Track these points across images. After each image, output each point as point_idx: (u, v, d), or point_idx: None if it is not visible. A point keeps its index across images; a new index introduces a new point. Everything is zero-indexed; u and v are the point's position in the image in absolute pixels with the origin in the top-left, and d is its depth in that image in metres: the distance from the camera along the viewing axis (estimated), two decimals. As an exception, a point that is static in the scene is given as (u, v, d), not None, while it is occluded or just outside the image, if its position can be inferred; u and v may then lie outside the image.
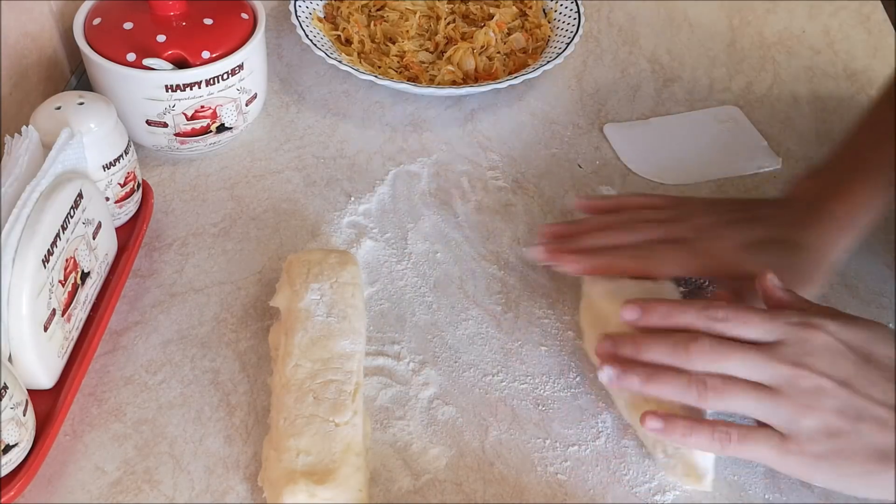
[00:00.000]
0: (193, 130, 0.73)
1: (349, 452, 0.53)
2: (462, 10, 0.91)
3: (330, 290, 0.60)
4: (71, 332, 0.59)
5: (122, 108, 0.69)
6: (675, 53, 0.93)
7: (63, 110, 0.62)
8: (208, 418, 0.59)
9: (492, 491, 0.56)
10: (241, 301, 0.66)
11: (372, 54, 0.86)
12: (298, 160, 0.78)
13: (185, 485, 0.55)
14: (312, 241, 0.71)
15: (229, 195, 0.74)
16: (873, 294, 0.70)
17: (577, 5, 0.89)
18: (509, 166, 0.78)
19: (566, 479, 0.57)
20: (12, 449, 0.52)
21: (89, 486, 0.55)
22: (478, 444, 0.59)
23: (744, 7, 1.00)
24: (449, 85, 0.83)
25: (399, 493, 0.56)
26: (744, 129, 0.83)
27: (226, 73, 0.71)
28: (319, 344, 0.58)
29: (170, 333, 0.64)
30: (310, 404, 0.55)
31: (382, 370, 0.62)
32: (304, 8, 0.88)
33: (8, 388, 0.50)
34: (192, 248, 0.70)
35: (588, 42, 0.93)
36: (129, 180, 0.67)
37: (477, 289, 0.68)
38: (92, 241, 0.61)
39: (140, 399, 0.60)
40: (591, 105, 0.86)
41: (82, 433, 0.58)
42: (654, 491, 0.57)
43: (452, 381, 0.62)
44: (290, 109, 0.83)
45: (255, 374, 0.61)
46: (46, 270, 0.55)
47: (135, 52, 0.69)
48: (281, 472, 0.52)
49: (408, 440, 0.58)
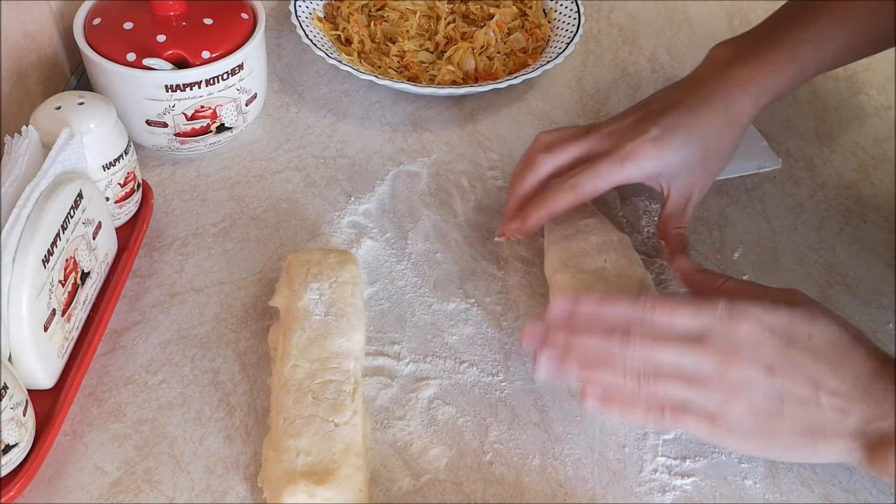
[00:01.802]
0: (193, 130, 0.73)
1: (349, 452, 0.53)
2: (462, 10, 0.91)
3: (329, 290, 0.60)
4: (71, 332, 0.59)
5: (122, 108, 0.69)
6: (675, 53, 0.93)
7: (63, 110, 0.62)
8: (208, 418, 0.59)
9: (492, 491, 0.56)
10: (241, 301, 0.66)
11: (372, 54, 0.86)
12: (298, 160, 0.78)
13: (185, 485, 0.55)
14: (312, 241, 0.71)
15: (229, 195, 0.74)
16: (873, 294, 0.70)
17: (577, 5, 0.89)
18: (509, 166, 0.78)
19: (566, 479, 0.57)
20: (12, 449, 0.52)
21: (89, 486, 0.55)
22: (478, 444, 0.59)
23: (744, 7, 1.00)
24: (449, 85, 0.83)
25: (399, 493, 0.56)
26: (744, 129, 0.83)
27: (226, 73, 0.71)
28: (317, 343, 0.58)
29: (170, 333, 0.64)
30: (309, 404, 0.55)
31: (382, 370, 0.62)
32: (304, 8, 0.88)
33: (8, 388, 0.50)
34: (192, 248, 0.70)
35: (588, 42, 0.93)
36: (129, 180, 0.67)
37: (477, 289, 0.68)
38: (92, 241, 0.61)
39: (140, 399, 0.60)
40: (591, 105, 0.86)
41: (82, 433, 0.58)
42: (654, 491, 0.57)
43: (452, 381, 0.62)
44: (290, 109, 0.83)
45: (254, 374, 0.61)
46: (46, 270, 0.55)
47: (135, 52, 0.69)
48: (281, 472, 0.52)
49: (408, 440, 0.58)
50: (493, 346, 0.64)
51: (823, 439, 0.52)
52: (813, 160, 0.81)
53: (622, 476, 0.57)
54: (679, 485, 0.57)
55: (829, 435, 0.51)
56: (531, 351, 0.57)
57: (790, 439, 0.52)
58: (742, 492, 0.57)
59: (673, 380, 0.53)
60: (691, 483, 0.57)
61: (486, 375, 0.62)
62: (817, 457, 0.54)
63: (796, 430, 0.52)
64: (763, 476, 0.58)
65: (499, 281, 0.69)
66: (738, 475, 0.58)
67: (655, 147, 0.64)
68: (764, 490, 0.57)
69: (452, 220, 0.73)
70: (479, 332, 0.65)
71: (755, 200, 0.77)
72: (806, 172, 0.80)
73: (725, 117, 0.66)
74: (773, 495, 0.57)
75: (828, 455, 0.53)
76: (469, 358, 0.63)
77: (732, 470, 0.58)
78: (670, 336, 0.53)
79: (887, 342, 0.66)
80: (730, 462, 0.58)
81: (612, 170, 0.64)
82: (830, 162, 0.81)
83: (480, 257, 0.70)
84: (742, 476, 0.58)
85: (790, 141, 0.83)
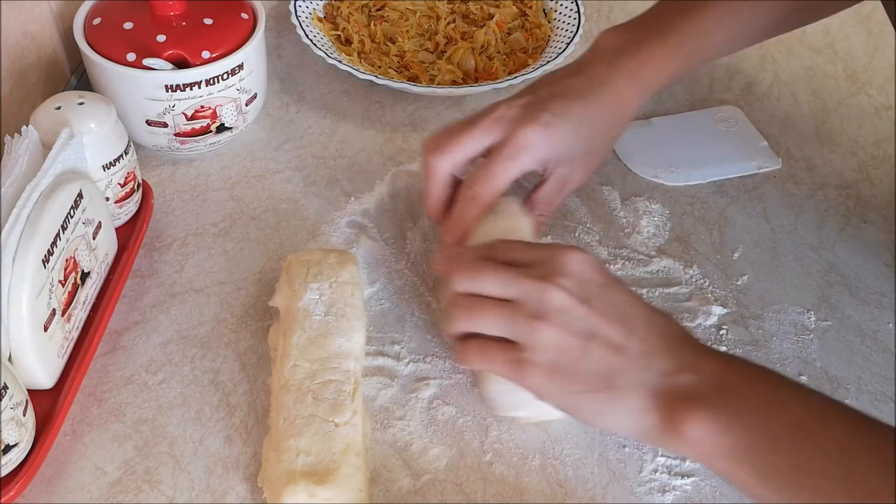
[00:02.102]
0: (193, 130, 0.73)
1: (349, 452, 0.53)
2: (462, 9, 0.91)
3: (329, 290, 0.60)
4: (71, 332, 0.59)
5: (122, 108, 0.69)
6: (675, 53, 0.93)
7: (63, 110, 0.62)
8: (208, 418, 0.59)
9: (492, 491, 0.56)
10: (241, 301, 0.66)
11: (372, 54, 0.86)
12: (298, 160, 0.78)
13: (185, 485, 0.55)
14: (312, 241, 0.71)
15: (229, 195, 0.74)
16: (873, 294, 0.70)
17: (577, 5, 0.89)
18: (509, 166, 0.78)
19: (566, 479, 0.57)
20: (12, 449, 0.52)
21: (89, 486, 0.55)
22: (478, 444, 0.59)
23: (744, 7, 1.00)
24: (449, 85, 0.83)
25: (399, 493, 0.56)
26: (744, 129, 0.83)
27: (226, 73, 0.71)
28: (317, 343, 0.58)
29: (170, 333, 0.64)
30: (309, 404, 0.55)
31: (382, 370, 0.62)
32: (304, 8, 0.88)
33: (8, 388, 0.50)
34: (192, 248, 0.70)
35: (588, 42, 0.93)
36: (129, 180, 0.67)
37: (477, 289, 0.68)
38: (92, 241, 0.61)
39: (140, 399, 0.60)
40: (591, 105, 0.86)
41: (82, 433, 0.58)
42: (654, 491, 0.57)
43: (452, 381, 0.62)
44: (290, 109, 0.83)
45: (254, 375, 0.61)
46: (46, 270, 0.55)
47: (135, 52, 0.69)
48: (281, 472, 0.52)
49: (408, 440, 0.58)
50: (493, 346, 0.64)
51: (622, 391, 0.50)
52: (813, 160, 0.81)
53: (622, 476, 0.57)
54: (679, 485, 0.57)
55: (629, 386, 0.50)
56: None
57: (590, 383, 0.51)
58: (742, 492, 0.57)
59: (486, 309, 0.53)
60: (691, 483, 0.57)
61: (486, 375, 0.62)
62: (611, 415, 0.51)
63: (598, 374, 0.51)
64: (763, 476, 0.58)
65: (499, 281, 0.69)
66: (738, 475, 0.58)
67: (547, 132, 0.62)
68: (764, 490, 0.57)
69: (452, 220, 0.73)
70: (479, 332, 0.65)
71: (755, 200, 0.77)
72: (806, 172, 0.80)
73: (613, 110, 0.65)
74: (773, 495, 0.57)
75: (621, 413, 0.51)
76: (469, 358, 0.63)
77: (732, 470, 0.58)
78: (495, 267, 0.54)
79: (887, 342, 0.66)
80: (730, 462, 0.58)
81: (506, 166, 0.62)
82: (830, 162, 0.81)
83: (480, 257, 0.70)
84: (742, 476, 0.58)
85: (790, 141, 0.83)
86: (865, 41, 0.96)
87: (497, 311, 0.53)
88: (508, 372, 0.53)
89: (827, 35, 0.96)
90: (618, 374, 0.51)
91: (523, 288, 0.52)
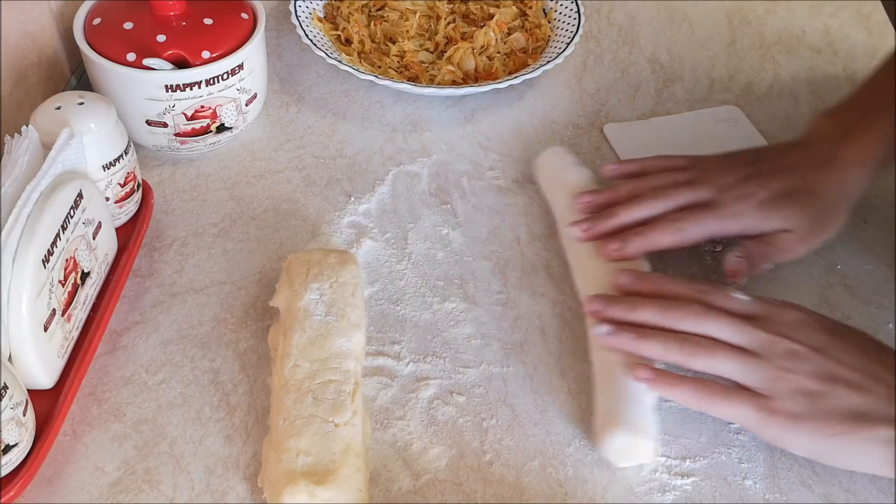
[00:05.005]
0: (193, 130, 0.73)
1: (349, 453, 0.53)
2: (462, 10, 0.91)
3: (329, 290, 0.60)
4: (71, 332, 0.59)
5: (122, 108, 0.70)
6: (675, 53, 0.93)
7: (63, 110, 0.62)
8: (208, 418, 0.59)
9: (492, 491, 0.56)
10: (241, 301, 0.66)
11: (372, 54, 0.86)
12: (298, 160, 0.78)
13: (185, 485, 0.55)
14: (312, 241, 0.71)
15: (229, 195, 0.74)
16: (873, 294, 0.70)
17: (577, 5, 0.89)
18: (509, 166, 0.78)
19: (566, 479, 0.57)
20: (12, 449, 0.52)
21: (89, 486, 0.55)
22: (478, 444, 0.59)
23: (744, 7, 1.00)
24: (449, 85, 0.83)
25: (399, 493, 0.56)
26: (744, 128, 0.83)
27: (226, 73, 0.71)
28: (317, 343, 0.58)
29: (170, 333, 0.64)
30: (309, 405, 0.55)
31: (382, 370, 0.62)
32: (304, 8, 0.88)
33: (8, 388, 0.50)
34: (192, 248, 0.70)
35: (588, 42, 0.93)
36: (129, 180, 0.67)
37: (477, 289, 0.68)
38: (92, 241, 0.61)
39: (140, 399, 0.60)
40: (591, 105, 0.86)
41: (82, 433, 0.58)
42: (654, 491, 0.57)
43: (452, 381, 0.62)
44: (290, 109, 0.83)
45: (254, 375, 0.61)
46: (46, 270, 0.55)
47: (135, 52, 0.69)
48: (281, 472, 0.52)
49: (408, 440, 0.58)
50: (493, 346, 0.64)
51: (870, 424, 0.52)
52: (813, 160, 0.81)
53: (622, 476, 0.57)
54: (679, 485, 0.57)
55: (877, 419, 0.52)
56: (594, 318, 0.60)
57: (838, 425, 0.53)
58: (742, 492, 0.57)
59: (725, 353, 0.54)
60: (691, 483, 0.57)
61: (486, 375, 0.62)
62: (863, 452, 0.53)
63: (844, 413, 0.52)
64: (763, 476, 0.58)
65: (499, 281, 0.69)
66: (738, 475, 0.58)
67: (762, 211, 0.65)
68: (764, 490, 0.57)
69: (452, 220, 0.73)
70: (479, 332, 0.65)
71: (755, 200, 0.77)
72: (806, 172, 0.80)
73: (835, 195, 0.66)
74: (773, 495, 0.57)
75: (872, 446, 0.52)
76: (469, 358, 0.63)
77: (732, 470, 0.58)
78: (722, 313, 0.55)
79: (887, 342, 0.66)
80: (730, 462, 0.58)
81: (716, 223, 0.65)
82: (830, 162, 0.81)
83: (480, 257, 0.70)
84: (742, 476, 0.58)
85: (790, 141, 0.83)
86: (865, 41, 0.96)
87: (740, 356, 0.55)
88: (752, 416, 0.55)
89: (827, 35, 0.96)
90: (864, 411, 0.52)
91: (758, 337, 0.55)
